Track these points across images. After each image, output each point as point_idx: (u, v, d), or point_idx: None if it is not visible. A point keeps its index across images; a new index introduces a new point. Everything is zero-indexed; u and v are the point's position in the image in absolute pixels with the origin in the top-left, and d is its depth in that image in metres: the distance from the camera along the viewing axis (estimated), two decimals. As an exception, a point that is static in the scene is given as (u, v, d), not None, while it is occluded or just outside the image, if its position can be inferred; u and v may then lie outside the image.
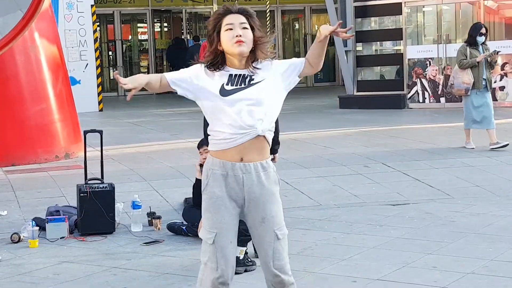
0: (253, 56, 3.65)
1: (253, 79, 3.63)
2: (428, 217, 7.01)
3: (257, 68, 3.65)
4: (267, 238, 3.66)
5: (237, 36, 3.58)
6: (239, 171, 3.63)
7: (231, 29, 3.60)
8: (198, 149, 6.72)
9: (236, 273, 3.94)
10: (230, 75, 3.63)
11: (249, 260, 5.62)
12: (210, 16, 20.91)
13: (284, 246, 3.70)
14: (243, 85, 3.61)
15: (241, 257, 5.61)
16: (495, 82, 15.37)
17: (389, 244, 6.12)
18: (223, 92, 3.60)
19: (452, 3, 16.35)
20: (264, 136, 3.63)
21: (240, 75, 3.64)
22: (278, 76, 3.67)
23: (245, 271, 5.54)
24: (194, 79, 3.66)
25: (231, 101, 3.58)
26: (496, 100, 15.45)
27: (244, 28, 3.62)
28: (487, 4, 15.99)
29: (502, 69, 15.37)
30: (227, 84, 3.62)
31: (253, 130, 3.59)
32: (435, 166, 9.04)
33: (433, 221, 6.84)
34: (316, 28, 26.00)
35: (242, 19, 3.63)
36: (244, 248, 5.70)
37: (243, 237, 5.63)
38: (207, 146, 6.54)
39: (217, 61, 3.65)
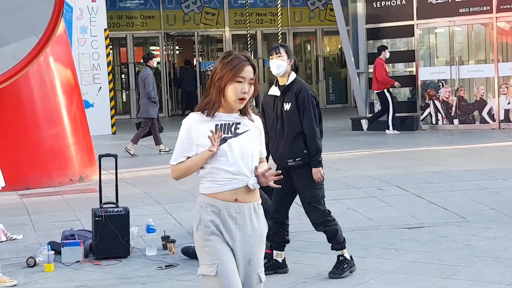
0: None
1: (238, 128, 3.73)
2: (444, 240, 6.97)
3: (250, 119, 3.78)
4: (251, 280, 3.70)
5: (243, 92, 3.67)
6: (232, 210, 3.67)
7: (241, 82, 3.68)
8: None
9: None
10: (216, 126, 3.70)
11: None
12: (221, 39, 20.75)
13: None
14: (230, 134, 3.70)
15: (280, 260, 6.00)
16: (508, 103, 15.34)
17: (405, 268, 6.09)
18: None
19: (465, 24, 16.37)
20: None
21: (225, 124, 3.71)
22: (257, 135, 3.80)
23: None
24: (192, 144, 3.74)
25: (225, 149, 3.67)
26: (510, 122, 15.40)
27: (250, 84, 3.71)
28: (500, 25, 15.98)
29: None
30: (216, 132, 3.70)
31: (247, 177, 3.68)
32: (449, 188, 9.00)
33: (449, 245, 6.80)
34: (328, 50, 26.09)
35: (252, 74, 3.72)
36: (282, 252, 6.03)
37: (281, 242, 5.99)
38: None
39: (219, 104, 3.72)
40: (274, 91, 6.10)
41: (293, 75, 6.03)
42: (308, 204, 5.98)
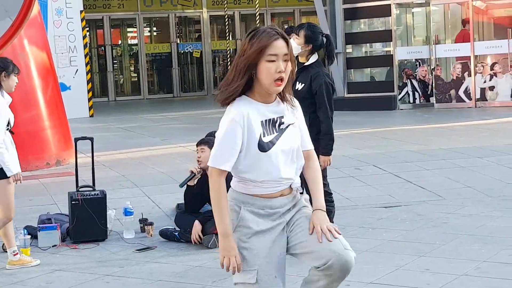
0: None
1: (282, 122, 3.29)
2: (420, 219, 7.02)
3: (292, 106, 3.33)
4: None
5: (279, 72, 3.17)
6: (277, 204, 3.30)
7: (274, 60, 3.18)
8: (197, 146, 6.72)
9: None
10: (262, 123, 3.23)
11: None
12: (199, 20, 20.61)
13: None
14: (275, 132, 3.27)
15: None
16: (484, 82, 15.43)
17: (382, 247, 6.13)
18: (262, 147, 3.23)
19: (441, 4, 16.41)
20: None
21: (269, 120, 3.26)
22: (300, 125, 3.40)
23: None
24: (237, 143, 3.24)
25: (269, 155, 3.24)
26: (486, 100, 15.51)
27: (286, 61, 3.21)
28: (476, 4, 16.05)
29: (492, 69, 15.43)
30: (264, 135, 3.24)
31: (290, 181, 3.32)
32: (426, 167, 9.06)
33: (425, 223, 6.85)
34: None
35: (286, 49, 3.21)
36: None
37: None
38: (205, 145, 6.59)
39: (251, 91, 3.26)
40: None
41: (314, 57, 5.92)
42: None
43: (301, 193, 3.42)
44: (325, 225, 3.27)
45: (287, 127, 3.29)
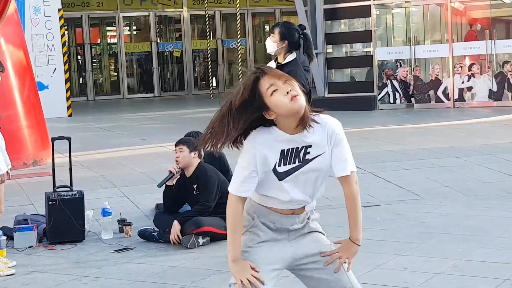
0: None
1: (308, 152, 3.14)
2: (399, 218, 7.05)
3: (314, 125, 3.14)
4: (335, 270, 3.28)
5: (288, 92, 3.05)
6: (289, 222, 3.26)
7: (276, 90, 3.08)
8: (175, 146, 6.69)
9: None
10: (282, 152, 3.13)
11: None
12: (179, 19, 20.56)
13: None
14: (298, 162, 3.14)
15: None
16: (462, 82, 15.52)
17: (361, 246, 6.12)
18: (278, 175, 3.15)
19: (420, 5, 16.49)
20: None
21: (293, 149, 3.13)
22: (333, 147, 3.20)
23: None
24: (257, 173, 3.16)
25: (286, 183, 3.16)
26: (464, 101, 15.61)
27: (285, 80, 3.11)
28: (454, 5, 16.14)
29: (470, 69, 15.53)
30: (279, 165, 3.14)
31: (305, 203, 3.27)
32: (405, 167, 9.09)
33: (403, 222, 6.87)
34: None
35: (280, 73, 3.13)
36: None
37: None
38: (184, 145, 6.56)
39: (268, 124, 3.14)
40: (271, 65, 6.05)
41: (291, 56, 5.94)
42: None
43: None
44: (346, 257, 3.29)
45: (314, 157, 3.15)
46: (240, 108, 3.09)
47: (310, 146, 3.13)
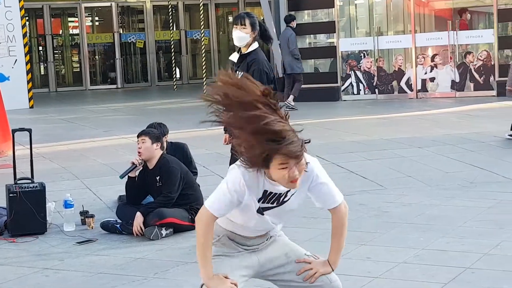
0: None
1: (286, 195, 3.26)
2: (362, 208, 7.09)
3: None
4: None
5: (293, 177, 3.08)
6: (254, 243, 3.40)
7: (285, 167, 3.07)
8: (137, 138, 6.64)
9: None
10: (265, 192, 3.22)
11: None
12: (142, 10, 20.30)
13: None
14: (275, 204, 3.27)
15: None
16: (425, 73, 15.65)
17: (323, 236, 6.14)
18: (258, 210, 3.27)
19: (383, -5, 16.57)
20: None
21: (275, 193, 3.23)
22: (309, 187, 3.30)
23: None
24: (238, 201, 3.22)
25: (257, 216, 3.28)
26: (427, 91, 15.74)
27: (301, 167, 3.11)
28: (417, -4, 16.25)
29: (432, 60, 15.66)
30: (260, 201, 3.23)
31: (272, 229, 3.41)
32: (368, 157, 9.15)
33: (366, 212, 6.92)
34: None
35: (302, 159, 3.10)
36: None
37: None
38: (146, 136, 6.52)
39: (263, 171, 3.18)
40: (234, 57, 6.02)
41: (254, 46, 5.91)
42: None
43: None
44: (315, 271, 3.36)
45: (290, 197, 3.26)
46: (254, 135, 3.04)
47: (288, 191, 3.24)
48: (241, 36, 5.85)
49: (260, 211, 3.26)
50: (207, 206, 3.21)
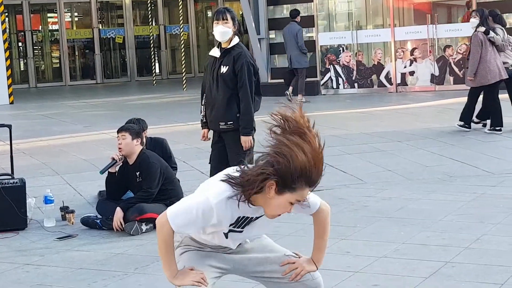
0: None
1: (257, 218, 3.17)
2: (341, 202, 7.11)
3: None
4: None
5: (288, 211, 3.06)
6: (225, 249, 3.32)
7: (292, 203, 3.02)
8: (117, 133, 6.63)
9: None
10: (238, 218, 3.12)
11: None
12: (121, 5, 20.21)
13: None
14: (241, 228, 3.17)
15: None
16: (405, 67, 15.72)
17: (303, 231, 6.17)
18: (225, 234, 3.20)
19: (362, -10, 16.61)
20: None
21: (247, 218, 3.14)
22: None
23: None
24: (204, 224, 3.11)
25: (229, 237, 3.22)
26: (407, 85, 15.81)
27: (302, 203, 3.09)
28: (397, -10, 16.31)
29: (412, 54, 15.73)
30: (230, 226, 3.15)
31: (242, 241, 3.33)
32: (348, 151, 9.19)
33: (346, 207, 6.95)
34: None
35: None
36: None
37: None
38: (126, 132, 6.51)
39: (251, 196, 3.04)
40: (215, 52, 6.01)
41: (235, 40, 5.93)
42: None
43: None
44: (300, 270, 3.33)
45: (257, 218, 3.16)
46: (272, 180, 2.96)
47: (260, 215, 3.15)
48: (224, 31, 5.86)
49: (228, 234, 3.18)
50: (168, 216, 3.06)
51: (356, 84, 16.19)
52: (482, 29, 10.03)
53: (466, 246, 5.50)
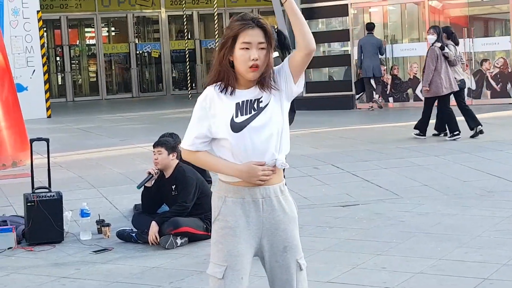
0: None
1: (261, 101, 3.24)
2: (378, 217, 7.07)
3: (274, 88, 3.25)
4: (290, 270, 3.28)
5: (253, 59, 3.17)
6: (258, 195, 3.25)
7: (247, 48, 3.19)
8: (153, 148, 6.68)
9: None
10: (237, 104, 3.22)
11: None
12: (157, 20, 20.46)
13: (306, 278, 3.35)
14: (253, 112, 3.22)
15: None
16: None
17: (339, 245, 6.16)
18: (234, 127, 3.20)
19: (398, 3, 16.55)
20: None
21: (248, 100, 3.23)
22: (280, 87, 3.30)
23: None
24: (205, 128, 3.26)
25: (243, 135, 3.20)
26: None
27: (261, 48, 3.20)
28: (432, 4, 16.21)
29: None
30: (236, 116, 3.21)
31: (272, 161, 3.26)
32: (383, 166, 9.13)
33: (382, 222, 6.90)
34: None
35: (261, 37, 3.20)
36: None
37: None
38: (162, 147, 6.56)
39: (228, 77, 3.22)
40: None
41: (275, 54, 6.01)
42: None
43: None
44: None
45: (266, 105, 3.23)
46: (222, 46, 3.24)
47: (260, 97, 3.25)
48: None
49: (236, 128, 3.20)
50: (182, 145, 3.33)
51: (391, 98, 16.10)
52: (438, 44, 10.89)
53: (504, 263, 5.43)
